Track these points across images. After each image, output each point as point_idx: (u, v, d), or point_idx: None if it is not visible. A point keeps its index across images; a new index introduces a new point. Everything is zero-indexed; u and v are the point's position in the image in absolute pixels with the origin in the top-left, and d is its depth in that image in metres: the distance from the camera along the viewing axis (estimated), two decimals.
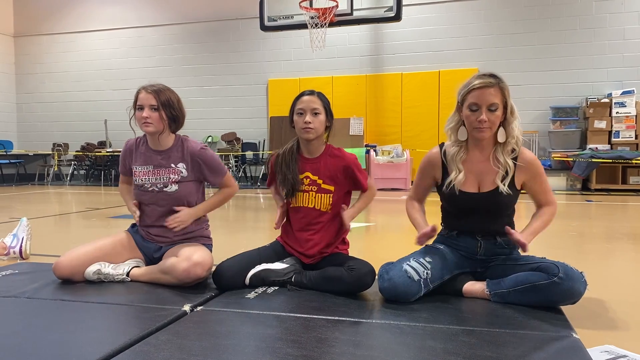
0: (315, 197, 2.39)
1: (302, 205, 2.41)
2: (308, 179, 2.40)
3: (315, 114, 2.33)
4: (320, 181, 2.39)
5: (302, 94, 2.38)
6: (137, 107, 2.41)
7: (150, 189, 2.48)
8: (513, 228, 2.23)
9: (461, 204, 2.19)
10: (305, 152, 2.44)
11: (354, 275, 2.17)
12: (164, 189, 2.46)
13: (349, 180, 2.41)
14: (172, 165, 2.47)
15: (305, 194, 2.40)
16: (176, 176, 2.46)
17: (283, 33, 9.76)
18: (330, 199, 2.39)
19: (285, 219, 2.51)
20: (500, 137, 2.13)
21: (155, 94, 2.39)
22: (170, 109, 2.41)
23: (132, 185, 2.58)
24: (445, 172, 2.23)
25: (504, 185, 2.12)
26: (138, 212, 2.52)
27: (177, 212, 2.45)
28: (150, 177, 2.48)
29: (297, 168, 2.40)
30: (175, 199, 2.47)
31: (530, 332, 1.76)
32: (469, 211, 2.19)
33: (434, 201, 2.33)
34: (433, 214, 2.38)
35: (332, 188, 2.39)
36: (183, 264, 2.26)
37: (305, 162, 2.42)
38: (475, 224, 2.18)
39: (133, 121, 2.43)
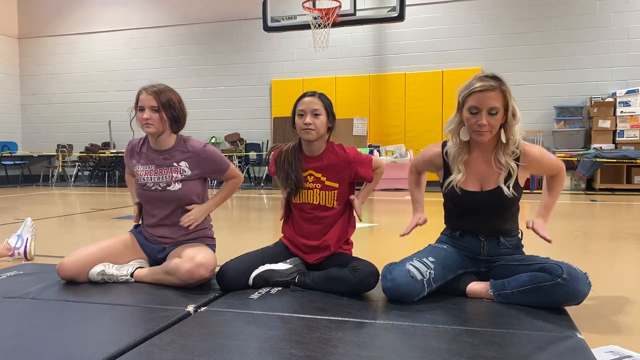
0: (320, 194, 2.39)
1: (306, 202, 2.40)
2: (312, 177, 2.40)
3: (316, 115, 2.33)
4: (324, 178, 2.39)
5: (303, 95, 2.39)
6: (138, 108, 2.42)
7: (153, 187, 2.48)
8: (517, 227, 2.23)
9: (464, 203, 2.18)
10: (307, 151, 2.44)
11: (357, 276, 2.18)
12: (167, 188, 2.47)
13: (353, 175, 2.40)
14: (175, 164, 2.47)
15: (309, 191, 2.40)
16: (179, 175, 2.47)
17: (286, 34, 9.76)
18: (335, 195, 2.39)
19: (290, 217, 2.51)
20: (502, 138, 2.12)
21: (155, 95, 2.39)
22: (171, 109, 2.42)
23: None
24: (447, 172, 2.22)
25: (508, 187, 2.10)
26: (137, 211, 2.59)
27: (187, 211, 2.46)
28: (153, 176, 2.48)
29: (300, 167, 2.40)
30: (179, 198, 2.47)
31: (534, 333, 1.76)
32: (472, 210, 2.18)
33: (436, 201, 2.33)
34: (436, 214, 2.38)
35: (336, 185, 2.38)
36: (186, 265, 2.26)
37: (308, 161, 2.42)
38: (478, 224, 2.18)
39: (134, 122, 2.44)
